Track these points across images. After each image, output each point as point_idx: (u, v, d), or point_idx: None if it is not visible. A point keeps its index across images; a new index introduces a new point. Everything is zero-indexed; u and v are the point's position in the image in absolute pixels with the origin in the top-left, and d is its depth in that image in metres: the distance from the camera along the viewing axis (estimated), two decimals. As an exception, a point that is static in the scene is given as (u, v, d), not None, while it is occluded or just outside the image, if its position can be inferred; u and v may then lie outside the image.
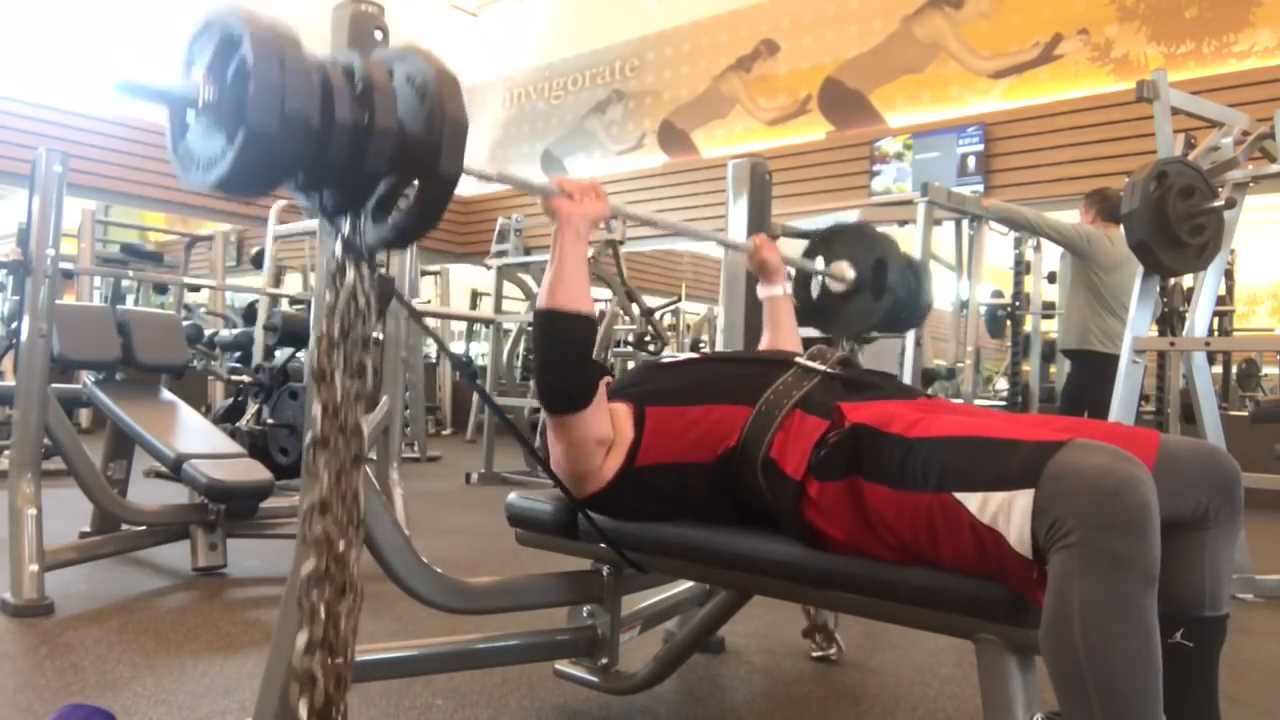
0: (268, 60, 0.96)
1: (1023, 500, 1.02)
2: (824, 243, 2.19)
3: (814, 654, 2.18)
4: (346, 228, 1.16)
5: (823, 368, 1.42)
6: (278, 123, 0.96)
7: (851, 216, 4.66)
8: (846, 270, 2.11)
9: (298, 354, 4.33)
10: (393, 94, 1.07)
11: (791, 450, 1.29)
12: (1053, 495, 1.00)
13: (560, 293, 1.37)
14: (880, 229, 5.50)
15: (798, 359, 1.46)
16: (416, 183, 1.11)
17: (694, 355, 1.62)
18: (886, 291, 2.07)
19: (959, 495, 1.08)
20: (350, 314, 1.17)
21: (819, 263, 2.15)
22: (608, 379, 1.69)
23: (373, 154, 1.05)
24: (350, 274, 1.17)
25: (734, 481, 1.37)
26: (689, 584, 1.92)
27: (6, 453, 3.87)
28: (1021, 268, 5.66)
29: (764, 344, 1.94)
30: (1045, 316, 6.22)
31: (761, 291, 1.97)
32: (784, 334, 1.91)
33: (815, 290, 2.21)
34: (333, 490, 1.16)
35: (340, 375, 1.17)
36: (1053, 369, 6.46)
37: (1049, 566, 1.00)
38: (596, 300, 7.35)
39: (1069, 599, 0.97)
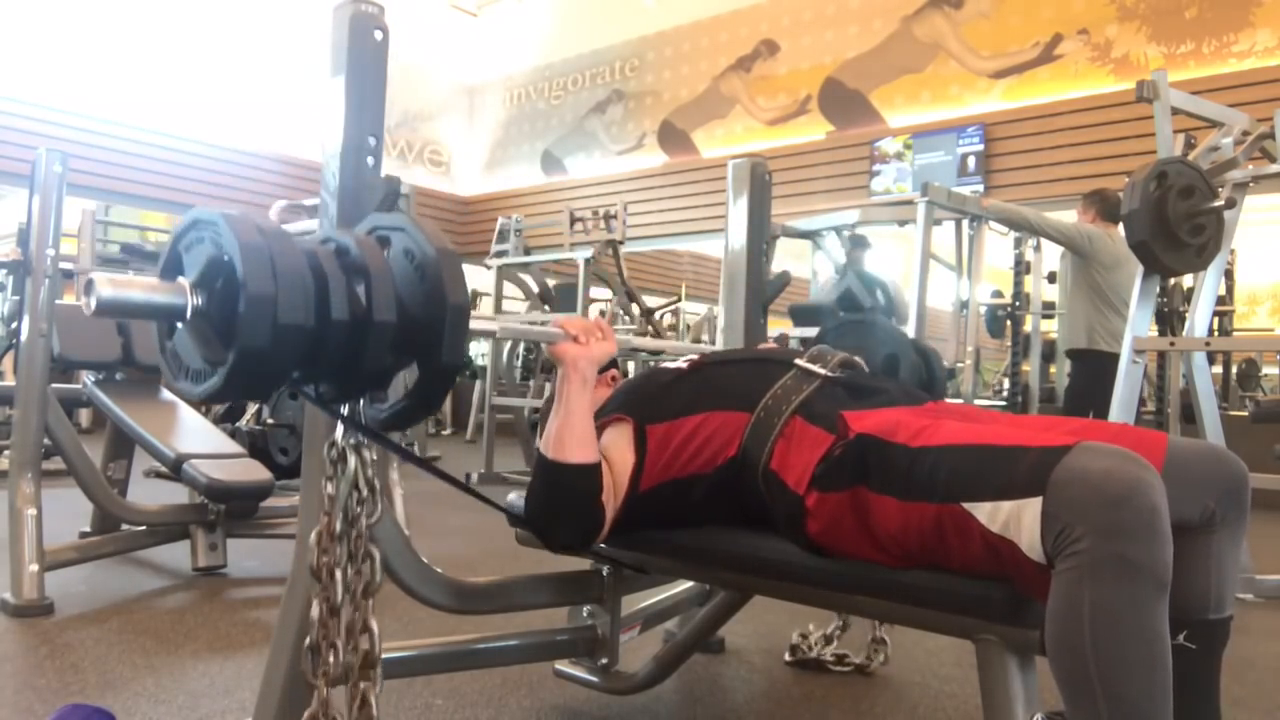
0: (258, 272, 0.90)
1: (1032, 508, 1.01)
2: (833, 335, 2.17)
3: (857, 662, 2.14)
4: (345, 412, 1.11)
5: (824, 371, 1.39)
6: (270, 339, 0.91)
7: (852, 216, 4.67)
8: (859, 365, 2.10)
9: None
10: (391, 280, 1.01)
11: (793, 462, 1.27)
12: (1061, 501, 0.99)
13: (569, 443, 1.31)
14: (880, 229, 5.49)
15: (797, 361, 1.42)
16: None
17: (694, 358, 1.58)
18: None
19: (967, 505, 1.07)
20: (353, 504, 1.11)
21: None
22: (613, 373, 1.67)
23: (372, 349, 1.00)
24: (352, 461, 1.11)
25: (735, 488, 1.35)
26: (689, 584, 1.92)
27: (6, 453, 3.87)
28: (1021, 268, 5.65)
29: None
30: (1045, 316, 6.22)
31: None
32: None
33: None
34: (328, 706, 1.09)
35: (341, 572, 1.10)
36: (1053, 369, 6.46)
37: (1056, 573, 0.99)
38: (596, 300, 7.34)
39: (1079, 606, 0.96)
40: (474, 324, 1.12)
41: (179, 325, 1.00)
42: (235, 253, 0.91)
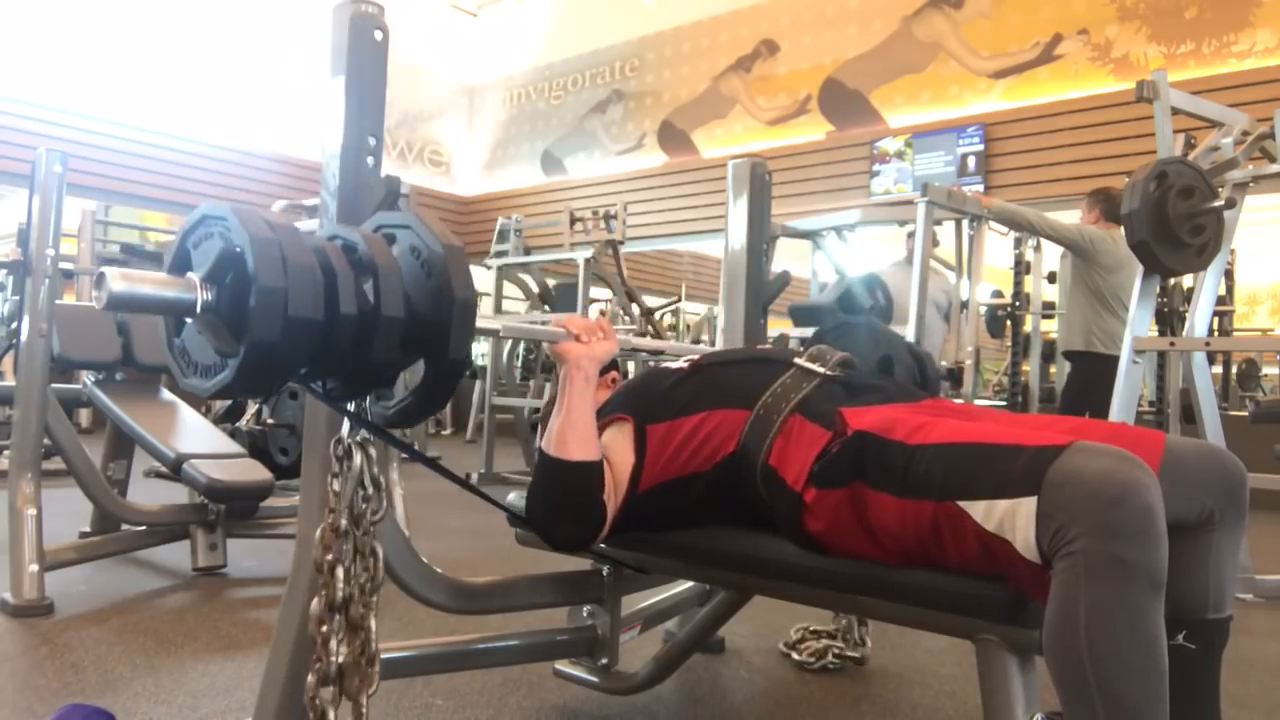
0: (269, 266, 0.91)
1: (1027, 507, 1.01)
2: (830, 336, 2.17)
3: (844, 654, 2.16)
4: (352, 409, 1.12)
5: (822, 370, 1.39)
6: (280, 333, 0.91)
7: (852, 217, 4.66)
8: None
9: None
10: (398, 275, 1.02)
11: (791, 458, 1.28)
12: (1056, 501, 0.99)
13: (571, 441, 1.31)
14: (880, 229, 5.48)
15: (796, 360, 1.43)
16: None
17: (694, 358, 1.58)
18: None
19: (963, 503, 1.07)
20: (359, 502, 1.12)
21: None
22: (614, 374, 1.68)
23: (380, 344, 1.00)
24: (358, 458, 1.12)
25: (734, 485, 1.36)
26: (689, 584, 1.92)
27: (6, 453, 3.87)
28: (1021, 268, 5.65)
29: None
30: (1045, 316, 6.22)
31: None
32: None
33: None
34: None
35: (344, 569, 1.11)
36: (1053, 369, 6.46)
37: (1054, 573, 1.00)
38: (596, 300, 7.34)
39: (1074, 606, 0.96)
40: (479, 322, 1.13)
41: (187, 322, 1.00)
42: (247, 246, 0.91)
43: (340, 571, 1.11)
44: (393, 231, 1.08)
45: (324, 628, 1.10)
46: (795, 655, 2.16)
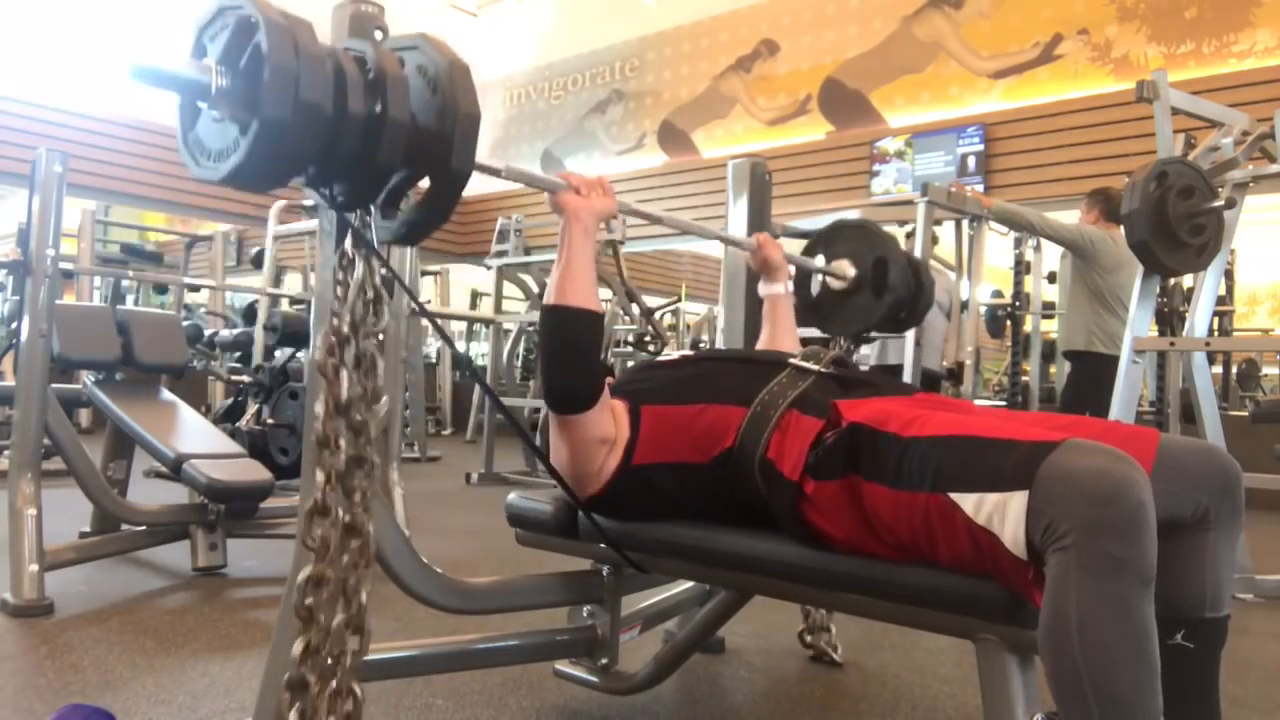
0: (283, 47, 0.94)
1: (1017, 502, 1.02)
2: (825, 240, 2.18)
3: (811, 654, 2.18)
4: (356, 221, 1.15)
5: (817, 368, 1.42)
6: (292, 112, 0.94)
7: (852, 216, 4.66)
8: (847, 268, 2.10)
9: (298, 354, 4.33)
10: (405, 85, 1.05)
11: (788, 450, 1.29)
12: (1047, 497, 1.00)
13: (570, 289, 1.36)
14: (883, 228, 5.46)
15: (791, 360, 1.45)
16: (426, 179, 1.09)
17: (689, 353, 1.61)
18: (888, 290, 2.06)
19: (954, 495, 1.08)
20: (360, 308, 1.16)
21: (819, 260, 2.15)
22: (608, 378, 1.69)
23: (385, 147, 1.03)
24: (360, 268, 1.16)
25: (731, 482, 1.36)
26: (689, 584, 1.92)
27: (6, 453, 3.87)
28: (1021, 268, 5.66)
29: (762, 342, 1.94)
30: (1045, 316, 6.22)
31: (763, 289, 1.97)
32: (783, 332, 1.91)
33: (815, 288, 2.20)
34: (334, 494, 1.14)
35: (347, 372, 1.15)
36: (1053, 369, 6.47)
37: (1046, 569, 1.00)
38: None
39: (1066, 602, 0.97)
40: (482, 160, 1.18)
41: (201, 112, 1.03)
42: (262, 26, 0.94)
43: (344, 375, 1.14)
44: (402, 54, 1.11)
45: (327, 425, 1.14)
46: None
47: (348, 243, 1.16)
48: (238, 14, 0.98)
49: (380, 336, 1.17)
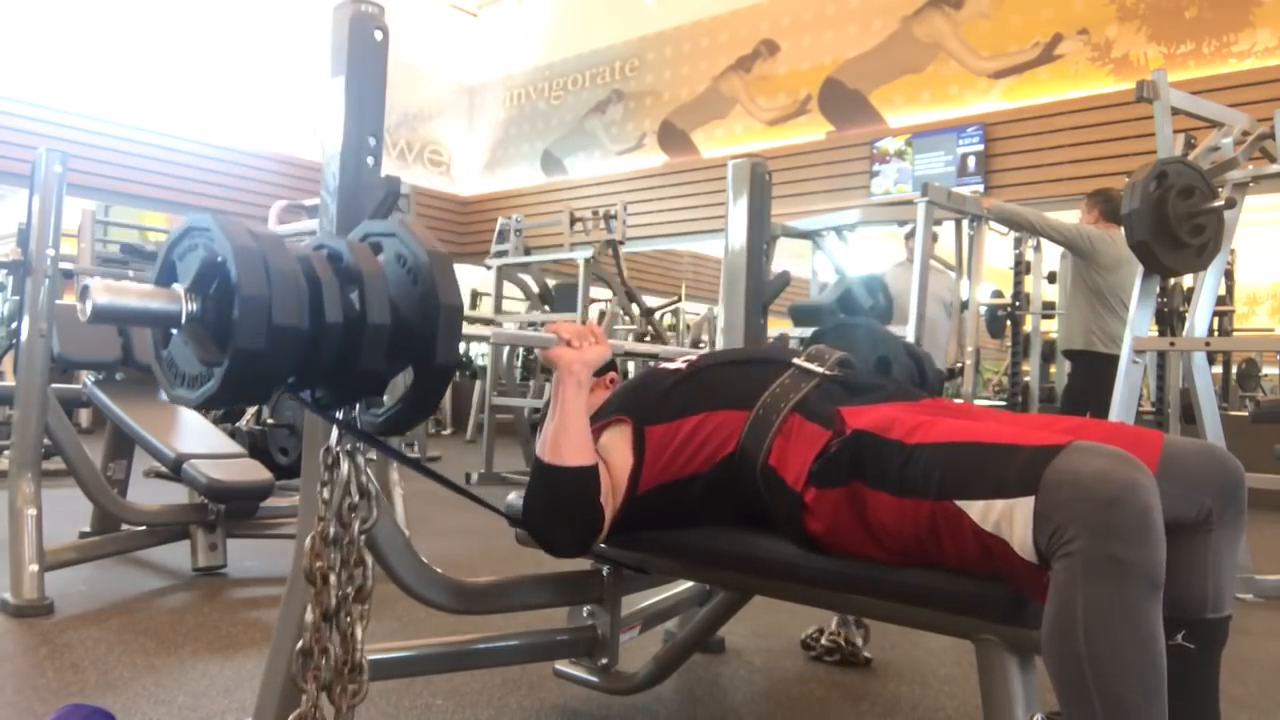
0: (252, 275, 0.91)
1: (1024, 507, 1.01)
2: (828, 336, 2.17)
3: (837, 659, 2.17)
4: (341, 418, 1.12)
5: (821, 370, 1.40)
6: (265, 341, 0.92)
7: (852, 217, 4.66)
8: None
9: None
10: (384, 284, 1.02)
11: (791, 458, 1.28)
12: (1053, 502, 0.99)
13: (566, 447, 1.31)
14: (880, 229, 5.48)
15: (795, 360, 1.43)
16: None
17: (691, 358, 1.58)
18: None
19: (960, 503, 1.07)
20: (346, 511, 1.12)
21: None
22: (612, 375, 1.68)
23: (367, 352, 1.00)
24: (345, 466, 1.12)
25: (733, 486, 1.35)
26: (689, 584, 1.92)
27: (6, 453, 3.87)
28: (1021, 268, 5.65)
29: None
30: (1045, 316, 6.22)
31: None
32: None
33: None
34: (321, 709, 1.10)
35: (335, 577, 1.11)
36: (1053, 369, 6.46)
37: (1052, 573, 1.00)
38: (596, 300, 7.33)
39: (1073, 606, 0.96)
40: (469, 329, 1.14)
41: (174, 333, 1.00)
42: (230, 256, 0.92)
43: (333, 579, 1.11)
44: (379, 240, 1.09)
45: (315, 636, 1.11)
46: (810, 651, 2.18)
47: (332, 439, 1.13)
48: (205, 239, 0.95)
49: (363, 539, 1.13)
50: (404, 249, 1.05)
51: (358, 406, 1.13)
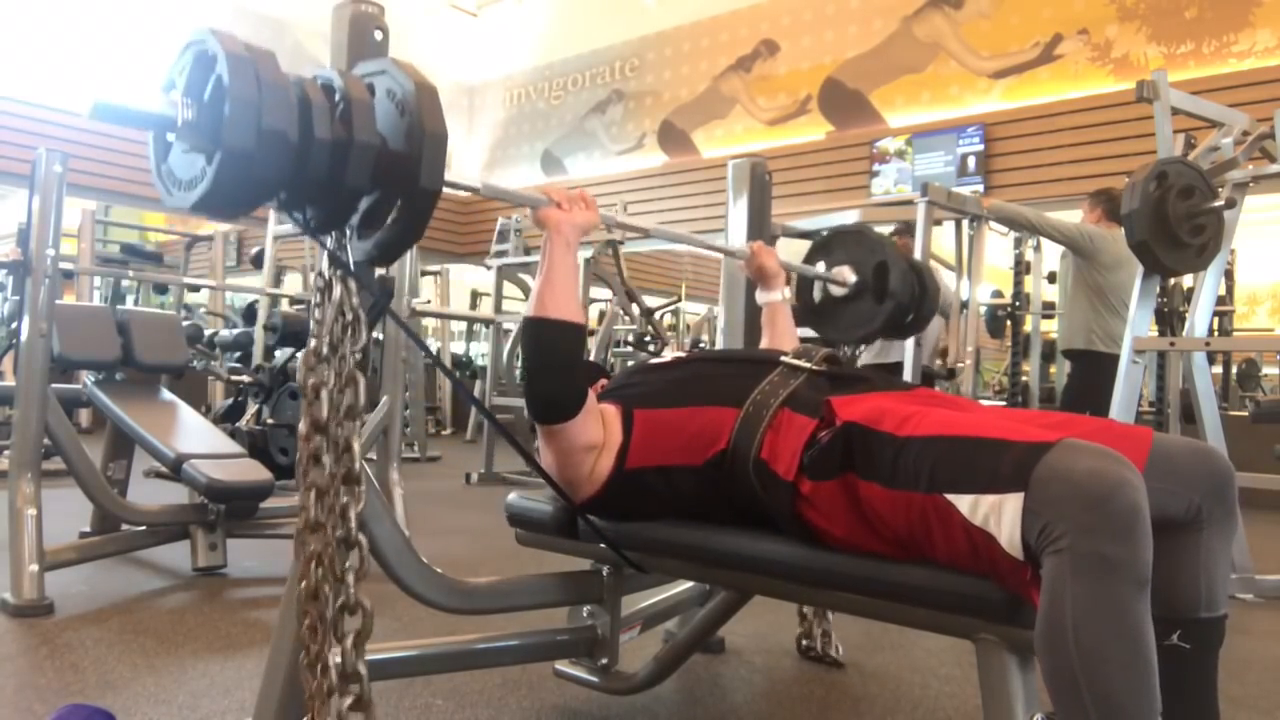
0: (243, 78, 0.96)
1: (1013, 503, 1.02)
2: (825, 247, 2.18)
3: (812, 655, 2.18)
4: (331, 243, 1.17)
5: (809, 365, 1.41)
6: (255, 141, 0.96)
7: (852, 217, 4.67)
8: (848, 274, 2.10)
9: (297, 354, 4.33)
10: (371, 109, 1.07)
11: (782, 450, 1.28)
12: (1042, 499, 1.00)
13: (550, 301, 1.38)
14: (880, 229, 5.52)
15: (783, 358, 1.45)
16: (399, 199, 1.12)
17: (681, 355, 1.61)
18: (889, 295, 2.05)
19: (950, 496, 1.08)
20: (338, 329, 1.18)
21: (820, 267, 2.15)
22: (603, 380, 1.69)
23: (353, 170, 1.05)
24: (338, 289, 1.18)
25: (726, 483, 1.36)
26: (689, 584, 1.92)
27: (6, 453, 3.87)
28: (1021, 268, 5.65)
29: (763, 346, 1.94)
30: (1045, 316, 6.22)
31: (760, 297, 1.97)
32: (782, 337, 1.91)
33: (817, 295, 2.20)
34: (324, 508, 1.16)
35: (328, 391, 1.17)
36: (1053, 369, 6.47)
37: (1042, 571, 1.00)
38: (596, 300, 7.35)
39: (1062, 604, 0.97)
40: (457, 179, 1.22)
41: (172, 143, 1.06)
42: (222, 60, 0.97)
43: (324, 395, 1.17)
44: (371, 79, 1.14)
45: (311, 442, 1.17)
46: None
47: (324, 264, 1.18)
48: (199, 48, 1.00)
49: (358, 356, 1.19)
50: (393, 83, 1.11)
51: (350, 234, 1.18)
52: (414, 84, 1.08)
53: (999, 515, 1.03)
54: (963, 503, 1.07)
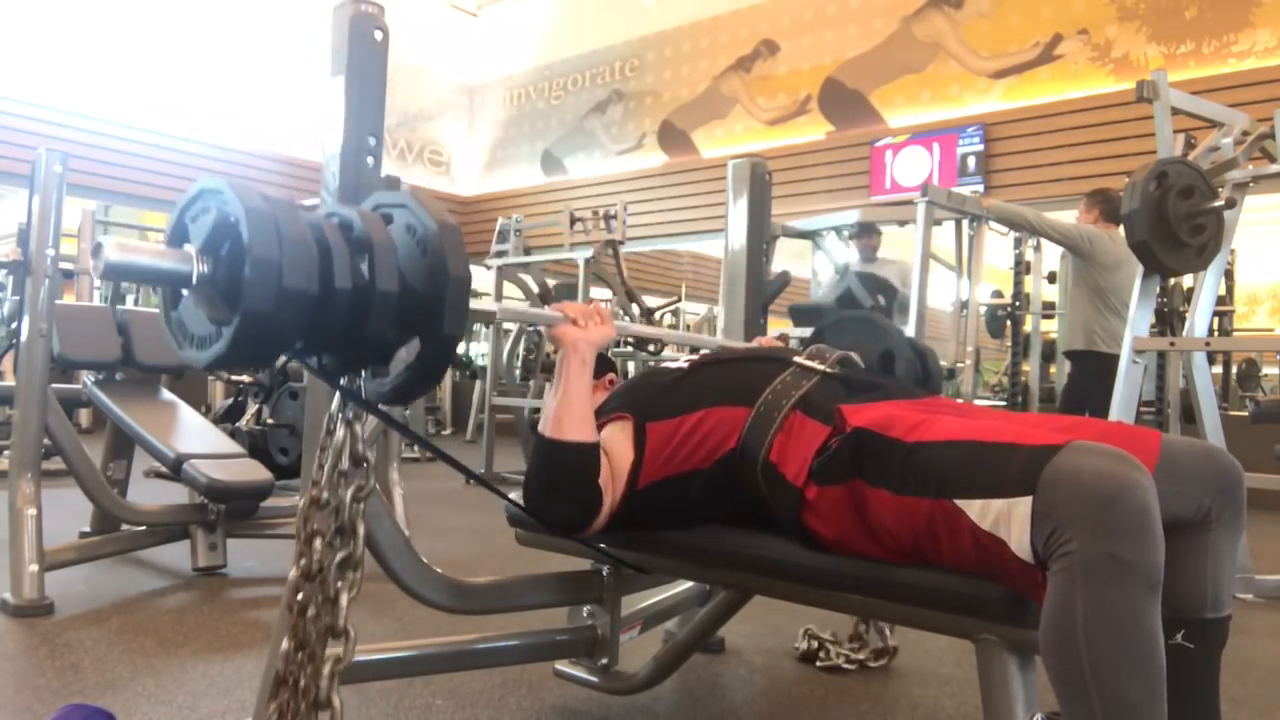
0: (264, 239, 0.92)
1: (1022, 507, 1.01)
2: (830, 331, 2.17)
3: (863, 661, 2.15)
4: (345, 382, 1.12)
5: (822, 367, 1.40)
6: (275, 303, 0.92)
7: (852, 216, 4.67)
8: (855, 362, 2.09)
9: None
10: (393, 251, 1.02)
11: (792, 454, 1.28)
12: (1051, 502, 0.99)
13: (567, 423, 1.33)
14: (880, 229, 5.50)
15: (796, 358, 1.44)
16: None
17: (694, 359, 1.59)
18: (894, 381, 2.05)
19: (959, 502, 1.08)
20: (335, 479, 1.12)
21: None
22: (610, 375, 1.68)
23: (374, 319, 1.00)
24: (341, 432, 1.12)
25: (733, 483, 1.36)
26: (689, 584, 1.92)
27: (6, 453, 3.87)
28: (1021, 268, 5.66)
29: None
30: (1045, 316, 6.22)
31: None
32: None
33: None
34: (298, 663, 1.10)
35: (321, 541, 1.11)
36: (1053, 369, 6.46)
37: (1050, 573, 0.99)
38: (596, 300, 7.37)
39: (1071, 606, 0.96)
40: (476, 305, 1.15)
41: (184, 294, 1.01)
42: (241, 217, 0.92)
43: (317, 544, 1.12)
44: (390, 211, 1.09)
45: (299, 595, 1.11)
46: (817, 663, 2.15)
47: (334, 405, 1.13)
48: (218, 200, 0.96)
49: (362, 507, 1.13)
50: (414, 220, 1.06)
51: (363, 375, 1.14)
52: (436, 225, 1.03)
53: (1008, 520, 1.02)
54: (972, 508, 1.06)
